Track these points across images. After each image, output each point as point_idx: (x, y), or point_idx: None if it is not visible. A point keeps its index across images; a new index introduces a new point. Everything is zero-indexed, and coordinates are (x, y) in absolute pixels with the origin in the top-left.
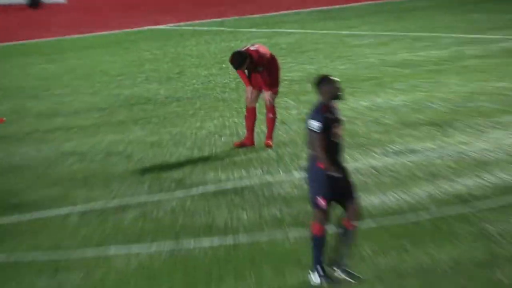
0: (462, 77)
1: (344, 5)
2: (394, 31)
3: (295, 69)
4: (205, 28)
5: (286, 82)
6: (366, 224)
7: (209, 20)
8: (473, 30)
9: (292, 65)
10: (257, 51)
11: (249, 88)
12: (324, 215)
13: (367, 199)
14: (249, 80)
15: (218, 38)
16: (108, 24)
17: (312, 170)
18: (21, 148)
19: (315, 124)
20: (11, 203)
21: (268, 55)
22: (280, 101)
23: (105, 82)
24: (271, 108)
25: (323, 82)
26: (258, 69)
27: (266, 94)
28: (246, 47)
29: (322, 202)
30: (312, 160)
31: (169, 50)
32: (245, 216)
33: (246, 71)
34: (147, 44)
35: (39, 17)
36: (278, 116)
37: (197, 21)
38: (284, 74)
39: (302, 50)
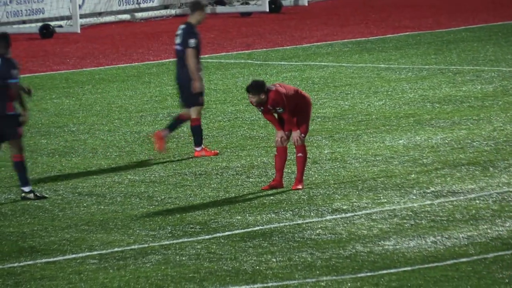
0: (507, 114)
1: (381, 37)
2: (435, 64)
3: (329, 105)
4: (232, 61)
5: (318, 119)
6: (401, 268)
7: (235, 52)
8: None
9: (325, 101)
10: (276, 91)
11: (280, 132)
12: None
13: (403, 242)
14: (280, 123)
15: (246, 71)
16: (126, 56)
17: None
18: (35, 188)
19: None
20: (25, 247)
21: (291, 93)
22: (312, 140)
23: (124, 119)
24: (301, 147)
25: None
26: (278, 110)
27: (294, 133)
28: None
29: None
30: None
31: None
32: (274, 261)
33: (262, 108)
34: (169, 78)
35: (51, 47)
36: (310, 155)
37: (222, 53)
38: (317, 111)
39: (336, 84)
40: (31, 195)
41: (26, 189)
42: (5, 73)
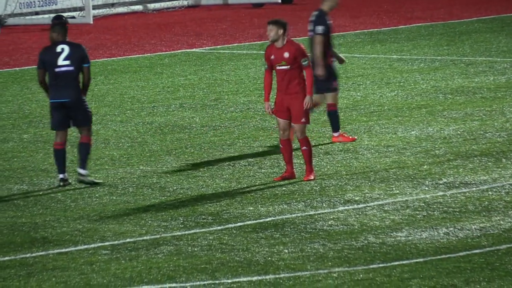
0: None
1: (394, 27)
2: (447, 55)
3: (341, 96)
4: (244, 52)
5: None
6: (414, 259)
7: (248, 43)
8: None
9: None
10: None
11: (267, 104)
12: None
13: (416, 234)
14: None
15: (258, 62)
16: (138, 47)
17: None
18: (48, 179)
19: None
20: (37, 237)
21: None
22: (324, 130)
23: (137, 110)
24: (303, 141)
25: None
26: (303, 61)
27: (307, 97)
28: None
29: None
30: None
31: (205, 75)
32: (286, 252)
33: (272, 57)
34: (181, 69)
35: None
36: (322, 146)
37: (235, 44)
38: None
39: (348, 75)
40: (88, 179)
41: (84, 172)
42: (81, 58)
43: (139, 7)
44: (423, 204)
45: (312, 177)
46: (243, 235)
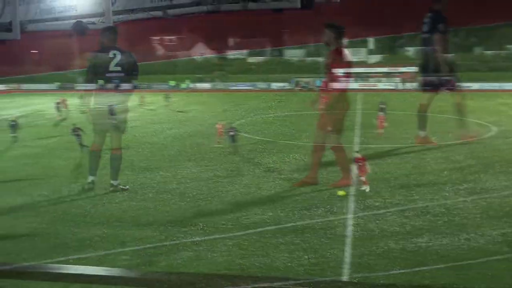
0: None
1: (415, 33)
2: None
3: (361, 101)
4: (263, 57)
5: (350, 116)
6: (434, 265)
7: (268, 48)
8: None
9: (359, 97)
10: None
11: (315, 101)
12: None
13: (436, 240)
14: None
15: (278, 68)
16: (157, 52)
17: None
18: (68, 185)
19: None
20: (57, 243)
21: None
22: (344, 136)
23: (157, 115)
24: (332, 149)
25: None
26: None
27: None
28: None
29: None
30: None
31: (225, 80)
32: (306, 258)
33: (329, 67)
34: (200, 74)
35: (84, 44)
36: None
37: (255, 50)
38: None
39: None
40: (120, 187)
41: (116, 182)
42: (132, 65)
43: (158, 13)
44: (443, 210)
45: (342, 183)
46: (262, 240)
